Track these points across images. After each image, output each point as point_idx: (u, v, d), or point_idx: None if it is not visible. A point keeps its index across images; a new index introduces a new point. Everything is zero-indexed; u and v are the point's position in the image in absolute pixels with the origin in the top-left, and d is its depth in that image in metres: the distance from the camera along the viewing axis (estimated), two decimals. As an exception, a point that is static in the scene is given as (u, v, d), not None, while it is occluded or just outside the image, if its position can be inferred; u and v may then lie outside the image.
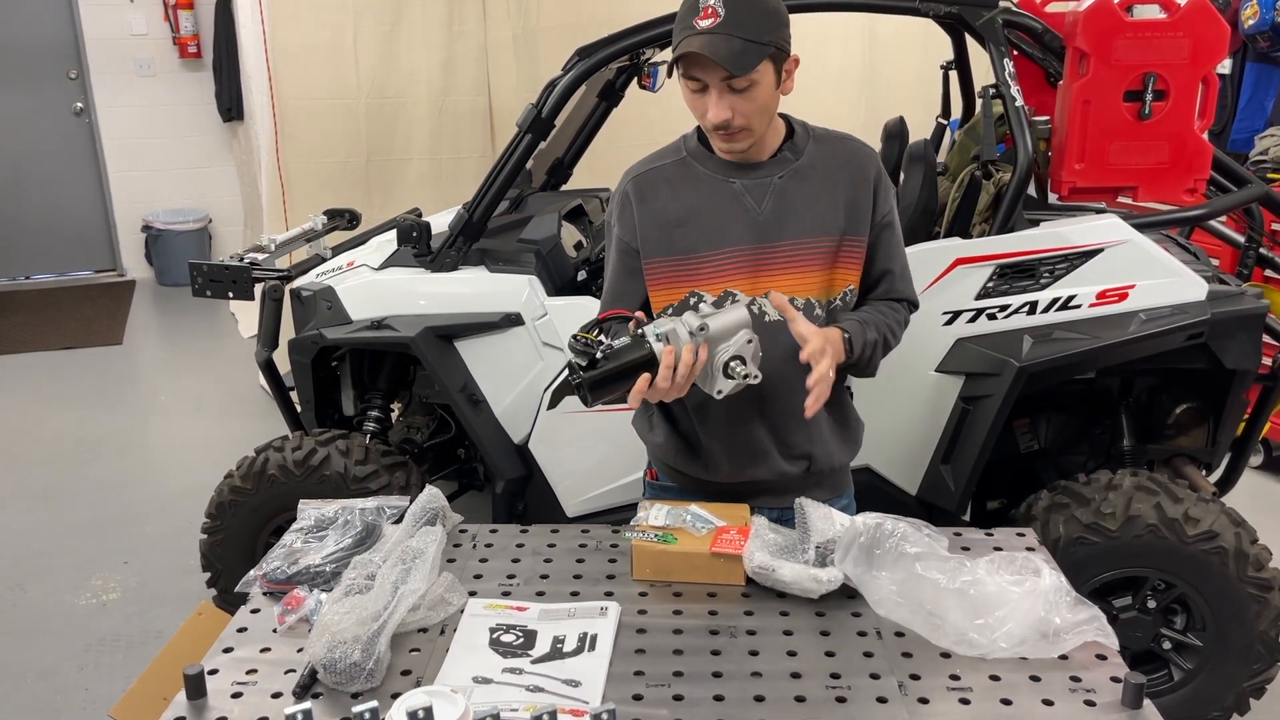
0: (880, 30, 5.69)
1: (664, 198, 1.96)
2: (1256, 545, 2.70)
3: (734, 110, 1.80)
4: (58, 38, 7.51)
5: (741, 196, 1.93)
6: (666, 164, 1.99)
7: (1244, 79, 5.98)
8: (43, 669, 3.32)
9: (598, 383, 1.68)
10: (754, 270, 1.93)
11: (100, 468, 4.76)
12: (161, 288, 7.78)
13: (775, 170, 1.93)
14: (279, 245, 3.50)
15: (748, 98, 1.80)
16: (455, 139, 5.29)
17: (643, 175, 1.99)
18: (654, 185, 1.97)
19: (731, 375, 1.74)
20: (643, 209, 1.96)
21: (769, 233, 1.92)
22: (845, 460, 2.11)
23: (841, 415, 2.08)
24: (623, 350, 1.70)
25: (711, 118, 1.81)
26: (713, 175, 1.94)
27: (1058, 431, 3.19)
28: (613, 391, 1.71)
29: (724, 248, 1.93)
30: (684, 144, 2.00)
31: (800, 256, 1.91)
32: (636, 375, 1.69)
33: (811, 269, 1.93)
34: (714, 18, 1.74)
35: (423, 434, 3.51)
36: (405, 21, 5.07)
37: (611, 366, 1.69)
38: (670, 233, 1.95)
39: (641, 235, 1.97)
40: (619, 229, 2.01)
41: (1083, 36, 2.77)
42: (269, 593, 1.76)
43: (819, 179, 1.93)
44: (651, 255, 1.97)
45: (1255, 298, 2.83)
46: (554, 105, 3.04)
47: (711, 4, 1.75)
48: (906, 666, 1.56)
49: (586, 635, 1.62)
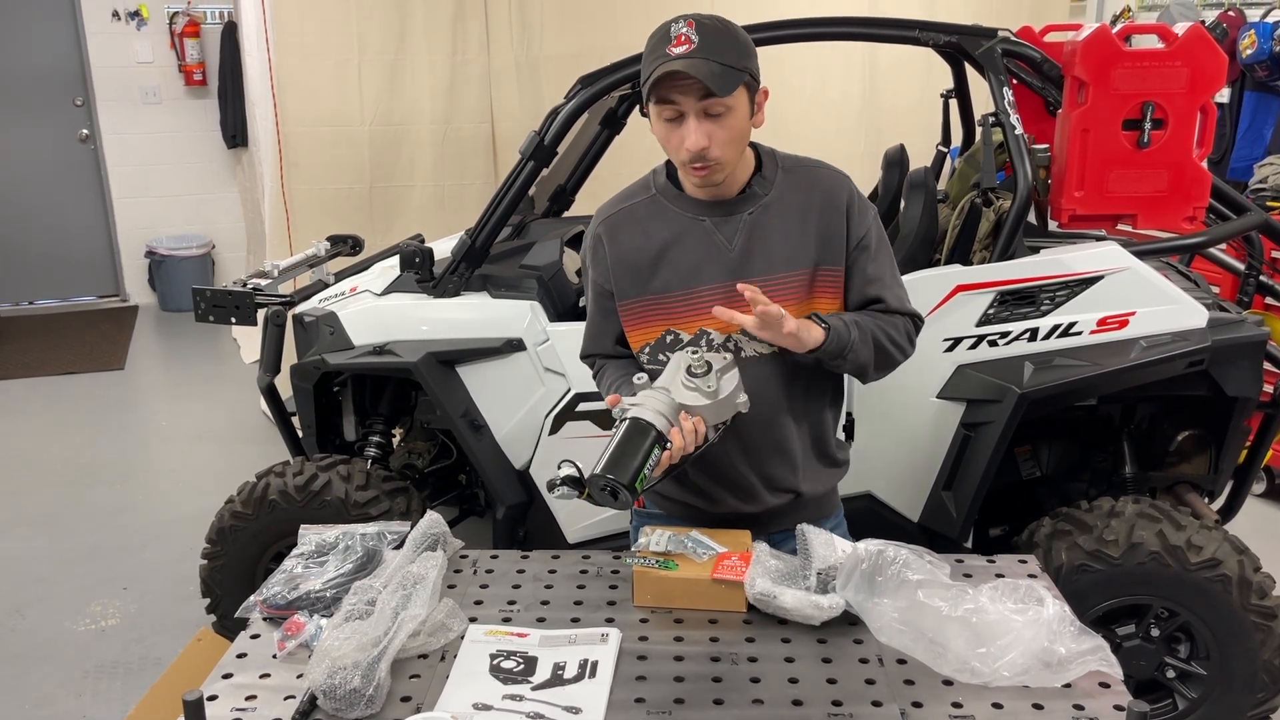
0: (881, 59, 5.74)
1: (635, 238, 1.96)
2: (1259, 573, 2.69)
3: (710, 138, 1.79)
4: (64, 65, 7.57)
5: (712, 234, 1.92)
6: (637, 203, 1.98)
7: (1242, 108, 6.02)
8: (41, 696, 3.30)
9: (634, 474, 1.67)
10: (729, 308, 1.90)
11: (101, 493, 4.75)
12: (164, 313, 7.80)
13: (745, 206, 1.92)
14: (282, 271, 3.51)
15: (724, 125, 1.79)
16: (458, 166, 5.33)
17: (613, 216, 1.99)
18: (625, 225, 1.97)
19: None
20: (615, 250, 1.97)
21: (741, 270, 1.90)
22: (831, 485, 2.12)
23: (821, 444, 2.05)
24: (629, 439, 1.69)
25: (690, 145, 1.79)
26: (682, 214, 1.94)
27: (1059, 458, 3.19)
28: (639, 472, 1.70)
29: (697, 287, 1.92)
30: (653, 180, 2.00)
31: (773, 291, 1.88)
32: (650, 453, 1.69)
33: (786, 303, 1.88)
34: (688, 44, 1.74)
35: (424, 459, 3.51)
36: (409, 50, 5.11)
37: (636, 462, 1.67)
38: (643, 273, 1.95)
39: (615, 276, 1.98)
40: (593, 271, 2.02)
41: (1081, 66, 2.79)
42: (269, 618, 1.75)
43: (789, 212, 1.92)
44: (625, 296, 1.97)
45: (1256, 325, 2.83)
46: (557, 133, 3.06)
47: (684, 32, 1.75)
48: (908, 694, 1.55)
49: (587, 662, 1.61)
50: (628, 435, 1.70)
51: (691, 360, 1.76)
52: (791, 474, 2.01)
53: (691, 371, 1.76)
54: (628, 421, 1.72)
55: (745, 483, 2.00)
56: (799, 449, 2.01)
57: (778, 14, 3.38)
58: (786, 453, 2.00)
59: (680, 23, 1.77)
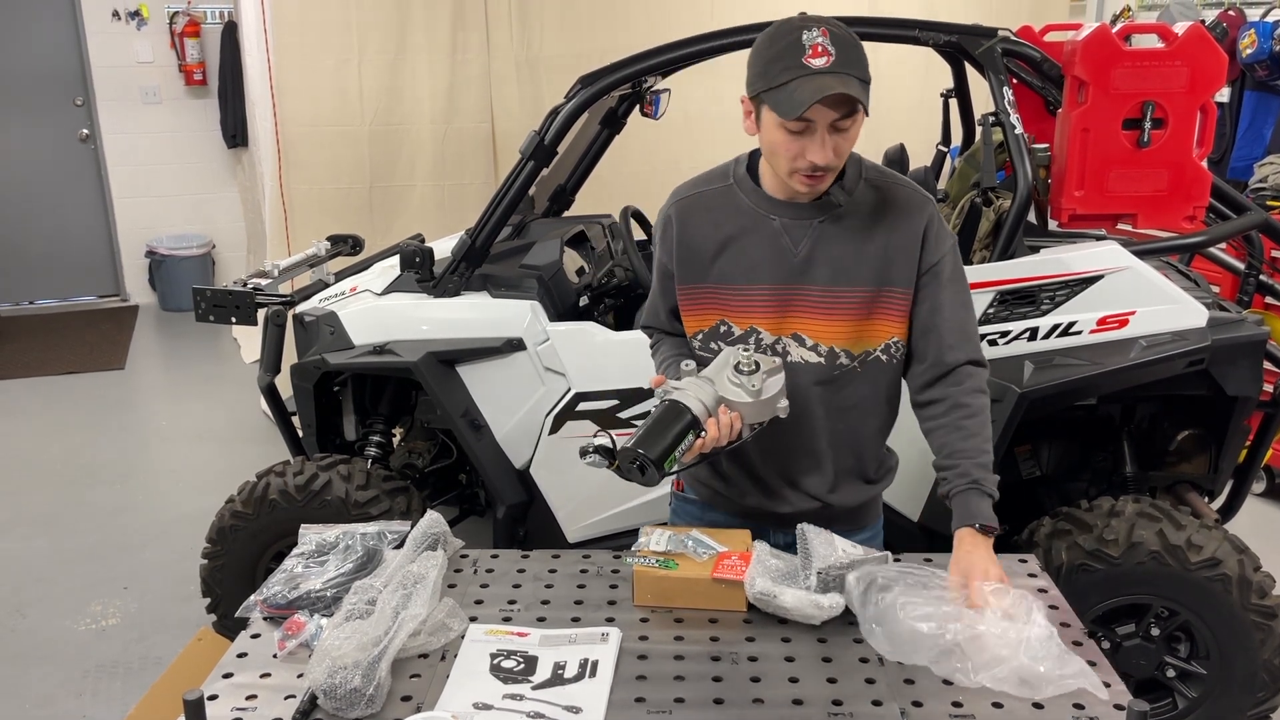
0: (881, 58, 5.69)
1: (703, 225, 1.93)
2: (1259, 573, 2.69)
3: (835, 152, 1.74)
4: (65, 65, 7.57)
5: (780, 235, 1.88)
6: (712, 189, 1.95)
7: (1242, 107, 6.02)
8: (41, 695, 3.30)
9: (664, 454, 1.68)
10: (781, 311, 1.89)
11: (101, 493, 4.75)
12: (164, 313, 7.80)
13: (819, 212, 1.87)
14: (282, 271, 3.51)
15: (847, 137, 1.75)
16: (458, 165, 5.33)
17: (686, 200, 1.97)
18: (695, 211, 1.94)
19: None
20: (682, 234, 1.95)
21: (800, 276, 1.87)
22: (864, 499, 2.07)
23: (860, 462, 2.01)
24: (665, 420, 1.71)
25: (819, 160, 1.73)
26: (755, 208, 1.90)
27: (1060, 458, 3.19)
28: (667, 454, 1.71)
29: (754, 284, 1.89)
30: (733, 169, 1.95)
31: (829, 304, 1.86)
32: (684, 438, 1.70)
33: (841, 318, 1.87)
34: (826, 56, 1.68)
35: (424, 459, 3.51)
36: (409, 49, 5.11)
37: (667, 443, 1.69)
38: (704, 261, 1.93)
39: (677, 259, 1.96)
40: (659, 250, 2.00)
41: (1081, 65, 2.79)
42: (269, 618, 1.75)
43: (861, 226, 1.86)
44: (685, 280, 1.96)
45: (1256, 324, 2.83)
46: (557, 132, 3.06)
47: (820, 42, 1.69)
48: (908, 693, 1.55)
49: (588, 661, 1.61)
50: (665, 416, 1.72)
51: (742, 357, 1.77)
52: (821, 484, 1.99)
53: (739, 368, 1.76)
54: (667, 403, 1.73)
55: (772, 483, 2.00)
56: (831, 462, 1.97)
57: (778, 14, 3.38)
58: (818, 463, 1.97)
59: (813, 30, 1.70)
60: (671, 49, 3.08)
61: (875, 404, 1.97)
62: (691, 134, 5.50)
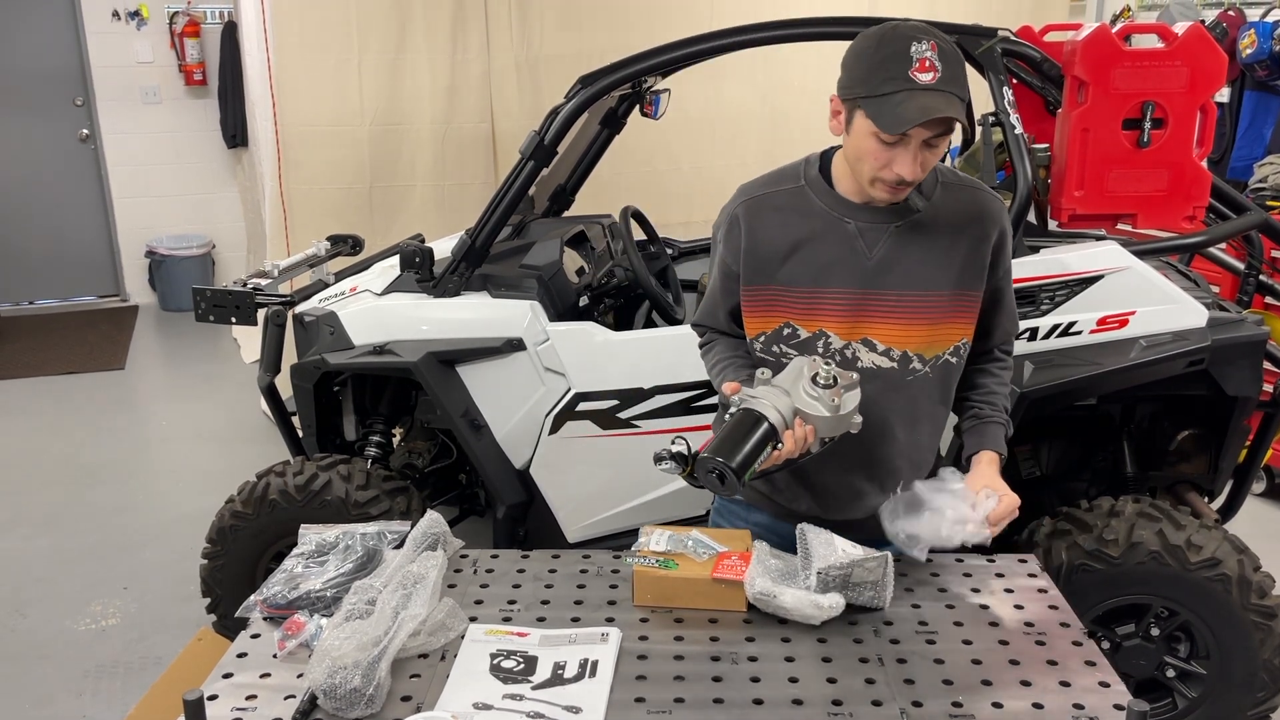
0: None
1: (773, 227, 1.90)
2: (1259, 573, 2.69)
3: (924, 167, 1.74)
4: (64, 65, 7.57)
5: (854, 239, 1.86)
6: (782, 190, 1.92)
7: (1242, 107, 6.02)
8: (41, 695, 3.30)
9: (744, 463, 1.66)
10: (854, 316, 1.87)
11: (101, 493, 4.75)
12: (164, 313, 7.80)
13: (896, 216, 1.85)
14: (282, 271, 3.51)
15: (937, 153, 1.75)
16: (458, 166, 5.33)
17: (755, 199, 1.93)
18: (764, 212, 1.91)
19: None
20: (750, 236, 1.91)
21: (874, 280, 1.85)
22: None
23: (917, 472, 1.97)
24: (744, 429, 1.68)
25: (908, 174, 1.73)
26: (829, 210, 1.87)
27: (1060, 458, 3.19)
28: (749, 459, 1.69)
29: (826, 287, 1.87)
30: (804, 170, 1.93)
31: (904, 309, 1.85)
32: (763, 448, 1.69)
33: (916, 323, 1.86)
34: (933, 72, 1.67)
35: (424, 459, 3.51)
36: (409, 49, 5.11)
37: (747, 452, 1.66)
38: (773, 262, 1.89)
39: (744, 260, 1.92)
40: (724, 249, 1.97)
41: (1081, 65, 2.79)
42: (269, 618, 1.75)
43: (939, 231, 1.85)
44: (751, 282, 1.93)
45: (1255, 324, 2.83)
46: (557, 132, 3.06)
47: (928, 56, 1.67)
48: (908, 693, 1.55)
49: (587, 661, 1.61)
50: (745, 425, 1.68)
51: (820, 370, 1.74)
52: (879, 495, 1.95)
53: (817, 381, 1.73)
54: (747, 413, 1.70)
55: (831, 491, 1.97)
56: (897, 473, 1.94)
57: (778, 14, 3.38)
58: (881, 474, 1.96)
59: (923, 43, 1.68)
60: (671, 49, 3.08)
61: (941, 405, 1.97)
62: (691, 134, 5.50)
